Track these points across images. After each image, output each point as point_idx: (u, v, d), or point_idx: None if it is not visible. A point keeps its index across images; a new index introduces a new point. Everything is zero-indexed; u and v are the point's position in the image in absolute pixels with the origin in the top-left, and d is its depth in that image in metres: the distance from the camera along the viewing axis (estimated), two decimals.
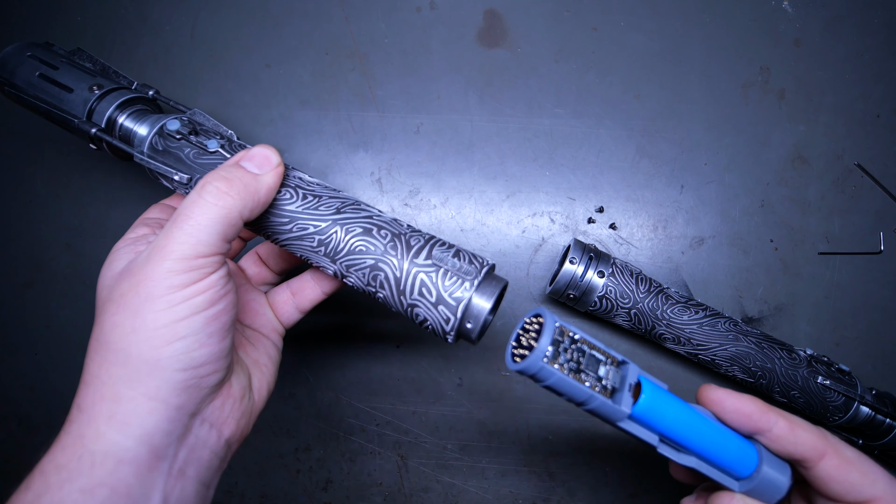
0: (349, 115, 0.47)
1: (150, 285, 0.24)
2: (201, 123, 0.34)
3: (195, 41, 0.48)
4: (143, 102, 0.36)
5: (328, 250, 0.30)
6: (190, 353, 0.24)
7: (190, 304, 0.25)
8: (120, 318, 0.24)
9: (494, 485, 0.46)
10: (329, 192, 0.31)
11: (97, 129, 0.33)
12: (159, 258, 0.24)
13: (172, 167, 0.31)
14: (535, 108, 0.46)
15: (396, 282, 0.29)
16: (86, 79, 0.35)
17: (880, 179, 0.45)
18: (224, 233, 0.26)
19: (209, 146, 0.31)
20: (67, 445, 0.24)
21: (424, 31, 0.47)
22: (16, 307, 0.48)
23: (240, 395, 0.28)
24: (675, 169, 0.45)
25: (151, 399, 0.24)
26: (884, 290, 0.45)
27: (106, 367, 0.24)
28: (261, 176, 0.28)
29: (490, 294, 0.28)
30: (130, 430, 0.24)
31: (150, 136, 0.32)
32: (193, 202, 0.26)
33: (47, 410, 0.48)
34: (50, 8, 0.49)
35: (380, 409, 0.46)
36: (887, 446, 0.40)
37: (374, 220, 0.30)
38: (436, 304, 0.28)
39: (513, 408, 0.45)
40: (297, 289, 0.36)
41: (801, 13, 0.46)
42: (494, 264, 0.31)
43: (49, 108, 0.34)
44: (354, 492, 0.46)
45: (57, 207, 0.48)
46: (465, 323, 0.28)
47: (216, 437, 0.27)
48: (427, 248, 0.29)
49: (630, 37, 0.46)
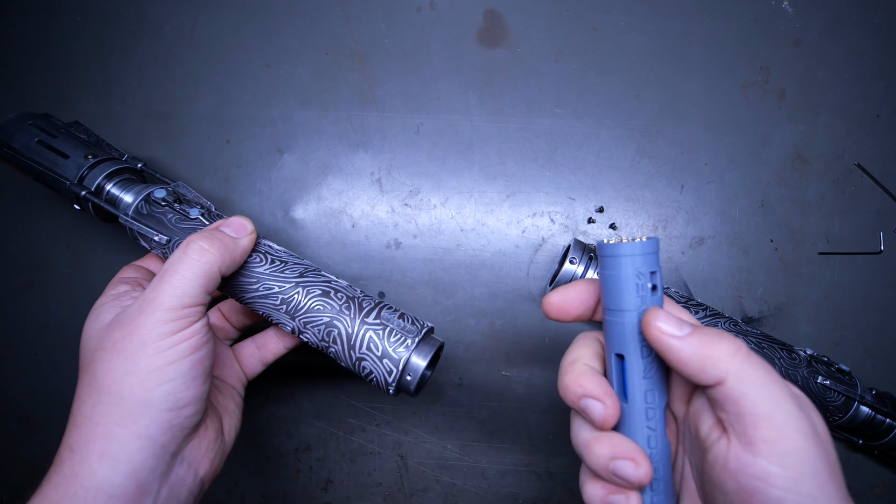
0: (349, 115, 0.47)
1: (142, 333, 0.27)
2: (184, 194, 0.38)
3: (195, 41, 0.48)
4: (130, 172, 0.40)
5: (289, 308, 0.34)
6: (177, 394, 0.27)
7: (178, 350, 0.28)
8: (114, 364, 0.27)
9: (494, 485, 0.46)
10: (294, 259, 0.35)
11: (86, 191, 0.37)
12: (151, 309, 0.28)
13: (154, 229, 0.35)
14: (535, 108, 0.46)
15: (348, 337, 0.33)
16: (82, 148, 0.39)
17: (880, 179, 0.45)
18: (206, 285, 0.29)
19: (191, 213, 0.36)
20: (60, 483, 0.26)
21: (424, 31, 0.47)
22: (16, 307, 0.48)
23: (214, 437, 0.31)
24: (675, 169, 0.45)
25: (140, 437, 0.26)
26: (884, 290, 0.45)
27: (99, 409, 0.27)
28: (238, 239, 0.32)
29: (427, 351, 0.33)
30: (120, 466, 0.26)
31: (137, 201, 0.36)
32: (179, 259, 0.29)
33: (47, 410, 0.48)
34: (50, 8, 0.49)
35: (380, 409, 0.46)
36: (887, 446, 0.40)
37: (331, 284, 0.34)
38: (381, 357, 0.32)
39: (513, 408, 0.45)
40: (261, 343, 0.39)
41: (801, 13, 0.46)
42: (433, 326, 0.35)
43: (43, 170, 0.37)
44: (354, 492, 0.46)
45: (57, 207, 0.48)
46: (406, 375, 0.32)
47: (193, 476, 0.30)
48: (376, 309, 0.34)
49: (630, 37, 0.46)
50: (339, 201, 0.46)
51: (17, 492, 0.48)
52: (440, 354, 0.35)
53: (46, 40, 0.49)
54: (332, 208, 0.46)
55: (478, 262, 0.45)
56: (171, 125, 0.47)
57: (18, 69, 0.49)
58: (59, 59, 0.48)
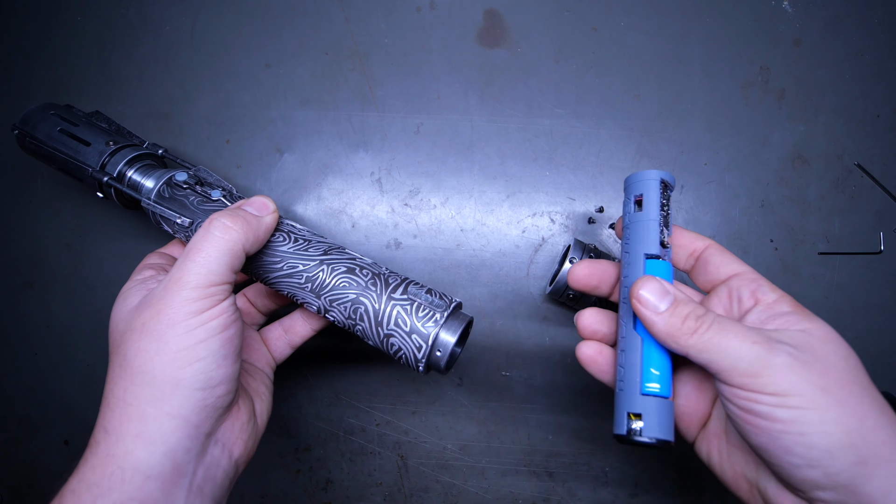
0: (349, 115, 0.47)
1: (170, 312, 0.27)
2: (205, 177, 0.38)
3: (195, 41, 0.48)
4: (151, 158, 0.40)
5: (314, 287, 0.33)
6: (208, 373, 0.27)
7: (207, 328, 0.27)
8: (144, 344, 0.27)
9: (494, 485, 0.46)
10: (317, 238, 0.35)
11: (109, 177, 0.37)
12: (177, 288, 0.28)
13: (177, 212, 0.35)
14: (535, 108, 0.46)
15: (375, 314, 0.32)
16: (102, 135, 0.39)
17: (880, 179, 0.45)
18: (231, 263, 0.29)
19: (213, 195, 0.36)
20: (97, 465, 0.26)
21: (424, 31, 0.47)
22: (16, 307, 0.48)
23: (246, 419, 0.31)
24: (675, 169, 0.45)
25: (174, 417, 0.26)
26: (884, 290, 0.45)
27: (132, 390, 0.27)
28: (260, 217, 0.32)
29: (457, 326, 0.32)
30: (156, 447, 0.26)
31: (159, 184, 0.37)
32: (203, 237, 0.29)
33: (47, 411, 0.48)
34: (50, 8, 0.49)
35: (380, 409, 0.46)
36: None
37: (356, 261, 0.34)
38: (409, 333, 0.32)
39: (513, 408, 0.45)
40: (288, 326, 0.39)
41: (801, 13, 0.46)
42: (461, 302, 0.34)
43: (66, 158, 0.38)
44: (354, 492, 0.46)
45: (57, 207, 0.48)
46: (436, 351, 0.32)
47: (228, 458, 0.29)
48: (403, 285, 0.33)
49: (630, 37, 0.46)
50: (339, 201, 0.46)
51: (18, 492, 0.48)
52: (469, 331, 0.35)
53: (46, 40, 0.49)
54: (332, 208, 0.46)
55: (478, 262, 0.45)
56: (171, 125, 0.47)
57: (18, 69, 0.49)
58: (59, 59, 0.48)
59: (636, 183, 0.31)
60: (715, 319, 0.25)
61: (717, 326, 0.25)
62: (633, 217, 0.30)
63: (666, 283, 0.27)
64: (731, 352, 0.24)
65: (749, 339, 0.24)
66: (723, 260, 0.30)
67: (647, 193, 0.30)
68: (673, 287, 0.28)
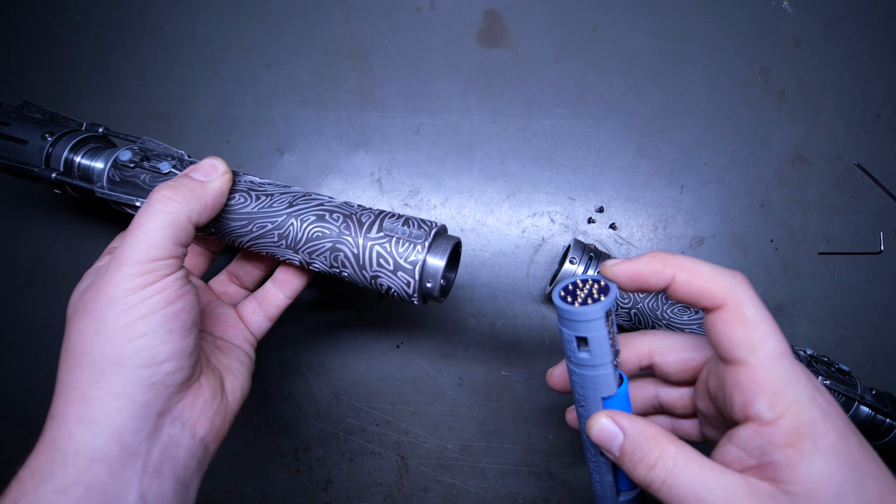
0: (349, 115, 0.47)
1: (109, 290, 0.26)
2: (151, 149, 0.35)
3: (195, 41, 0.48)
4: (95, 140, 0.38)
5: (289, 242, 0.32)
6: (151, 350, 0.26)
7: (148, 304, 0.26)
8: (84, 325, 0.26)
9: (494, 485, 0.46)
10: (280, 189, 0.33)
11: (57, 173, 0.35)
12: (117, 265, 0.26)
13: (132, 194, 0.33)
14: (535, 108, 0.46)
15: (356, 258, 0.31)
16: (37, 129, 0.36)
17: (880, 179, 0.45)
18: (175, 236, 0.28)
19: (162, 168, 0.33)
20: (41, 451, 0.25)
21: (424, 31, 0.47)
22: (16, 307, 0.48)
23: (211, 395, 0.30)
24: (675, 169, 0.45)
25: (118, 397, 0.25)
26: (884, 290, 0.45)
27: (74, 373, 0.26)
28: (207, 182, 0.30)
29: (442, 252, 0.30)
30: (100, 428, 0.25)
31: (106, 169, 0.34)
32: (143, 212, 0.28)
33: (47, 410, 0.48)
34: (50, 8, 0.49)
35: (380, 409, 0.46)
36: (887, 446, 0.40)
37: (325, 206, 0.32)
38: (394, 270, 0.30)
39: (513, 408, 0.45)
40: (261, 298, 0.38)
41: (801, 13, 0.46)
42: (444, 225, 0.33)
43: (8, 163, 0.35)
44: (354, 492, 0.46)
45: (57, 207, 0.48)
46: (425, 283, 0.30)
47: (190, 436, 0.28)
48: (378, 221, 0.31)
49: (630, 37, 0.46)
50: None
51: None
52: (460, 252, 0.34)
53: (46, 40, 0.49)
54: None
55: (478, 262, 0.45)
56: (172, 125, 0.47)
57: (18, 69, 0.49)
58: (59, 59, 0.48)
59: (577, 324, 0.24)
60: (673, 456, 0.23)
61: (674, 465, 0.23)
62: (578, 359, 0.25)
63: (618, 419, 0.26)
64: (693, 497, 0.22)
65: (717, 485, 0.22)
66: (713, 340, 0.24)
67: (593, 333, 0.24)
68: (628, 420, 0.26)
